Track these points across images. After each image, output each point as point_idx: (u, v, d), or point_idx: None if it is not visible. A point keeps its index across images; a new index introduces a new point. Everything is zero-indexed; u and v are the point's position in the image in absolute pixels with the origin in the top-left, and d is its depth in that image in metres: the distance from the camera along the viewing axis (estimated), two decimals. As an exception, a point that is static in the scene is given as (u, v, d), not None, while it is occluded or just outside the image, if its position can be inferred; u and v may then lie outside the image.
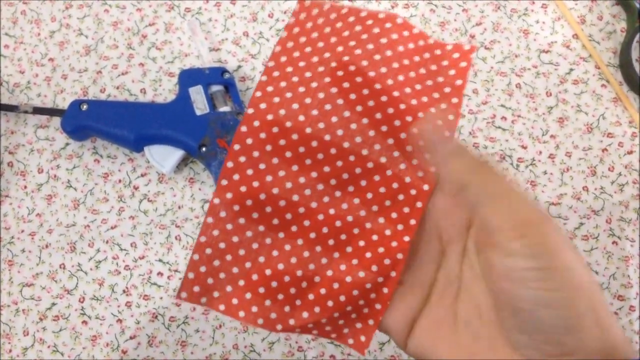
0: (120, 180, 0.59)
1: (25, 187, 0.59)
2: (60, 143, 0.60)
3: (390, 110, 0.36)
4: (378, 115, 0.36)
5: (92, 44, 0.62)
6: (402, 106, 0.36)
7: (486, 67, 0.61)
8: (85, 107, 0.57)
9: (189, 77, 0.59)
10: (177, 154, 0.57)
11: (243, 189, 0.35)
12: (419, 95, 0.36)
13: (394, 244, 0.36)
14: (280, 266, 0.36)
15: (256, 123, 0.35)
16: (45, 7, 0.63)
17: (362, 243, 0.36)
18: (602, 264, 0.57)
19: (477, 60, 0.62)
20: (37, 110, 0.59)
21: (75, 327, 0.55)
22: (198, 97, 0.58)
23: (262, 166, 0.35)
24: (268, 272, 0.35)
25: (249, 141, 0.35)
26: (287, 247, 0.36)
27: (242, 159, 0.35)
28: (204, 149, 0.56)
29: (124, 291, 0.56)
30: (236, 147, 0.35)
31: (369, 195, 0.36)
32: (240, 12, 0.63)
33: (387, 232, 0.36)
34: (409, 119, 0.36)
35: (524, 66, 0.62)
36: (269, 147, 0.35)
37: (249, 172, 0.35)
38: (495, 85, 0.61)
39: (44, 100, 0.61)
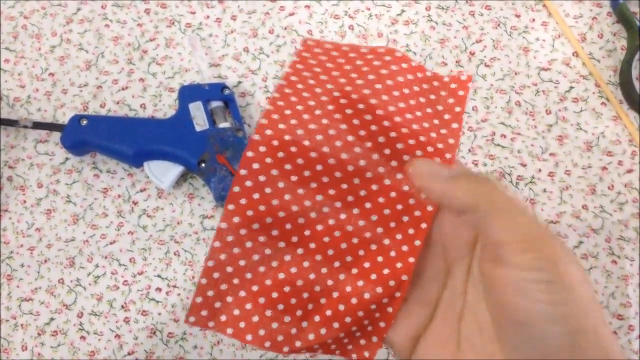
0: (119, 196, 0.59)
1: (25, 201, 0.59)
2: (60, 158, 0.60)
3: (393, 134, 0.36)
4: (381, 139, 0.36)
5: (92, 59, 0.62)
6: (404, 130, 0.36)
7: (486, 85, 0.61)
8: (85, 122, 0.57)
9: (189, 93, 0.59)
10: (176, 169, 0.57)
11: (250, 212, 0.36)
12: (420, 121, 0.37)
13: (399, 265, 0.36)
14: (287, 289, 0.36)
15: (262, 148, 0.36)
16: (46, 21, 0.63)
17: (367, 265, 0.37)
18: (601, 282, 0.57)
19: (476, 78, 0.62)
20: (37, 125, 0.59)
21: (73, 343, 0.55)
22: (198, 113, 0.58)
23: (268, 190, 0.36)
24: (275, 294, 0.36)
25: (255, 166, 0.36)
26: (293, 270, 0.36)
27: (249, 183, 0.36)
28: (203, 164, 0.56)
29: (122, 307, 0.56)
30: (243, 172, 0.35)
31: (374, 218, 0.37)
32: (240, 28, 0.63)
33: (392, 254, 0.37)
34: (411, 142, 0.36)
35: (523, 84, 0.62)
36: (274, 172, 0.36)
37: (256, 196, 0.36)
38: (495, 102, 0.61)
39: (44, 115, 0.61)
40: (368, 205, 0.37)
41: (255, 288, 0.36)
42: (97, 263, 0.57)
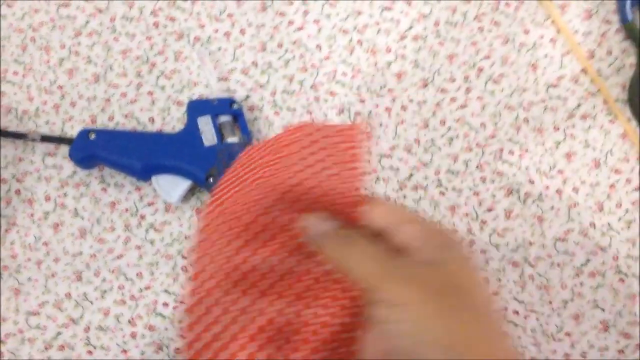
0: (127, 210, 0.59)
1: (32, 215, 0.59)
2: (68, 171, 0.60)
3: (292, 196, 0.41)
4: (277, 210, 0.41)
5: (101, 72, 0.62)
6: (300, 188, 0.40)
7: (494, 101, 0.61)
8: (93, 136, 0.57)
9: (197, 108, 0.59)
10: (184, 184, 0.57)
11: (211, 282, 0.39)
12: (314, 177, 0.41)
13: (356, 293, 0.38)
14: (261, 338, 0.38)
15: (211, 226, 0.42)
16: (55, 34, 0.63)
17: (328, 300, 0.39)
18: (608, 301, 0.57)
19: (485, 94, 0.62)
20: (45, 139, 0.59)
21: (80, 357, 0.55)
22: (206, 128, 0.58)
23: (220, 259, 0.40)
24: (252, 347, 0.38)
25: (206, 245, 0.41)
26: (262, 321, 0.38)
27: (206, 260, 0.40)
28: (211, 179, 0.56)
29: (129, 321, 0.56)
30: (197, 254, 0.41)
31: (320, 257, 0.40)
32: (249, 42, 0.63)
33: (347, 285, 0.39)
34: (306, 197, 0.40)
35: (531, 100, 0.62)
36: (221, 242, 0.41)
37: (212, 268, 0.40)
38: (503, 119, 0.61)
39: (52, 128, 0.61)
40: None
41: (234, 346, 0.38)
42: (104, 277, 0.57)
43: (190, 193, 0.59)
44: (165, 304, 0.56)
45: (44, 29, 0.64)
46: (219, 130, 0.58)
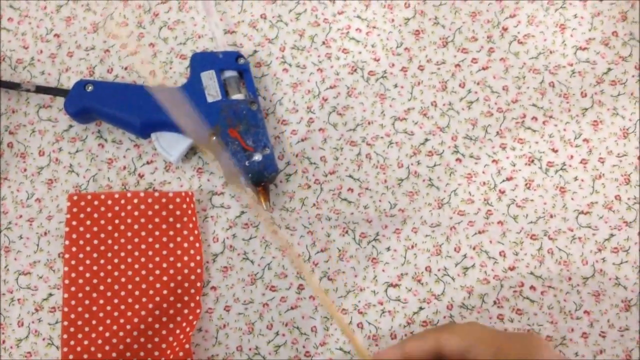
0: (124, 167, 0.56)
1: (25, 169, 0.56)
2: (64, 125, 0.57)
3: (137, 266, 0.53)
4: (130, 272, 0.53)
5: (100, 21, 0.59)
6: (143, 259, 0.53)
7: (518, 63, 0.58)
8: (90, 88, 0.54)
9: (201, 61, 0.55)
10: (185, 142, 0.54)
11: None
12: (159, 240, 0.53)
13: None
14: None
15: (73, 302, 0.52)
16: (53, -21, 0.60)
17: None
18: (631, 279, 0.54)
19: (509, 55, 0.58)
20: (40, 89, 0.56)
21: (72, 320, 0.53)
22: (210, 83, 0.54)
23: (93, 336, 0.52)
24: None
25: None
26: None
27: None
28: (214, 138, 0.53)
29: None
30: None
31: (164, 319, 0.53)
32: (258, -7, 0.59)
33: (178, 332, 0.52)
34: (151, 265, 0.53)
35: (558, 64, 0.58)
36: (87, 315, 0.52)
37: (86, 342, 0.51)
38: (527, 82, 0.57)
39: (48, 79, 0.57)
40: (157, 326, 0.52)
41: None
42: (100, 237, 0.54)
43: (191, 152, 0.56)
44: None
45: (41, -26, 0.60)
46: (224, 86, 0.55)
